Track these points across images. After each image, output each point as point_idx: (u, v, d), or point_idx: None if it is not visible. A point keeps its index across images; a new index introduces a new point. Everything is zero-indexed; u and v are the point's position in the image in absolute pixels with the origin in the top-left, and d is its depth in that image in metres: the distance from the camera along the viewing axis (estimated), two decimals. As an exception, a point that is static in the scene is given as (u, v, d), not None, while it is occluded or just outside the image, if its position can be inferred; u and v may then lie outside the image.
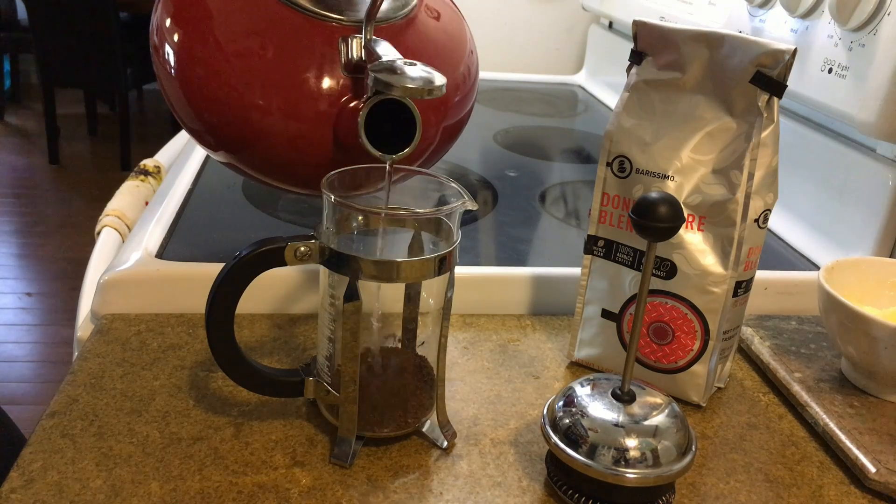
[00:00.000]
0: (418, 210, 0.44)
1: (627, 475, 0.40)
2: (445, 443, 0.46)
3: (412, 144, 0.45)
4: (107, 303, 0.57)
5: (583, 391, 0.43)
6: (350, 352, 0.43)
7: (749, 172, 0.48)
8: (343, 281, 0.42)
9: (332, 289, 0.43)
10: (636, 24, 0.51)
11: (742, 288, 0.51)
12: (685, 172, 0.49)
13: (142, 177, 0.88)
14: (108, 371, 0.51)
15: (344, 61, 0.50)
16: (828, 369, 0.55)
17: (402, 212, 0.44)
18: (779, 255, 0.74)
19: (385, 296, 0.46)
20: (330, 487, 0.42)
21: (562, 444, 0.41)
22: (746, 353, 0.59)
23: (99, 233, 0.77)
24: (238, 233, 0.70)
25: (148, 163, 0.92)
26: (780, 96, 0.47)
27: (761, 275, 0.64)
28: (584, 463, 0.40)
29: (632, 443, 0.40)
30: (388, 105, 0.45)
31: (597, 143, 1.09)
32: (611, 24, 1.40)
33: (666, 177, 0.50)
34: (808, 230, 0.76)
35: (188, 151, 0.88)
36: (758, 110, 0.47)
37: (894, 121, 0.62)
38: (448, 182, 0.45)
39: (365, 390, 0.44)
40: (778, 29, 0.77)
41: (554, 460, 0.43)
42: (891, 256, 0.67)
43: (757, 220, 0.50)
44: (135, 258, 0.60)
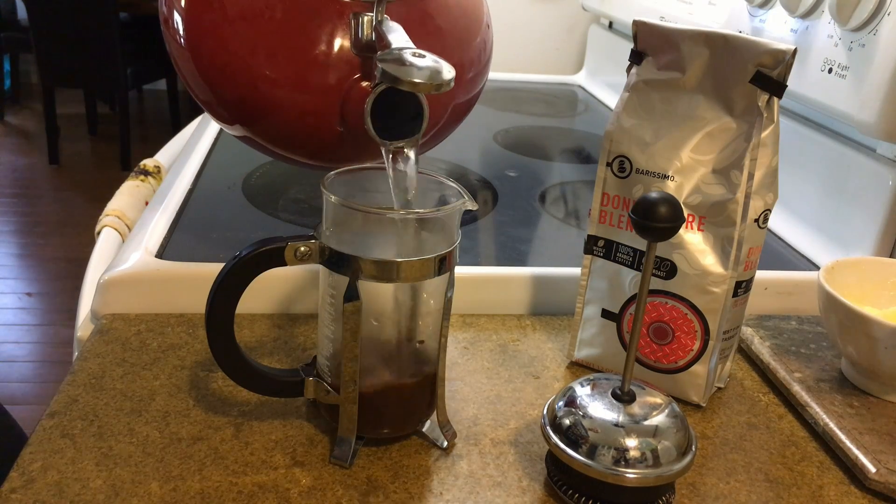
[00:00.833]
0: (418, 210, 0.44)
1: (627, 475, 0.40)
2: (445, 443, 0.46)
3: (417, 134, 0.45)
4: (107, 303, 0.57)
5: (583, 391, 0.43)
6: (350, 352, 0.43)
7: (749, 172, 0.48)
8: (343, 281, 0.42)
9: (332, 289, 0.43)
10: (636, 24, 0.51)
11: (742, 288, 0.51)
12: (685, 172, 0.49)
13: (142, 177, 0.88)
14: (108, 371, 0.51)
15: (353, 39, 0.49)
16: (828, 369, 0.55)
17: (402, 212, 0.44)
18: (779, 255, 0.74)
19: (385, 295, 0.46)
20: (330, 487, 0.42)
21: (562, 444, 0.41)
22: (746, 353, 0.59)
23: (99, 233, 0.77)
24: (238, 233, 0.70)
25: (148, 163, 0.92)
26: (780, 96, 0.47)
27: (761, 275, 0.64)
28: (584, 463, 0.40)
29: (632, 443, 0.40)
30: (396, 89, 0.44)
31: (597, 143, 1.09)
32: (611, 24, 1.40)
33: (666, 177, 0.50)
34: (808, 230, 0.76)
35: (188, 151, 0.88)
36: (758, 110, 0.47)
37: (894, 121, 0.62)
38: (448, 182, 0.45)
39: (365, 390, 0.44)
40: (778, 29, 0.77)
41: (554, 460, 0.43)
42: (891, 256, 0.67)
43: (757, 220, 0.50)
44: (135, 258, 0.60)
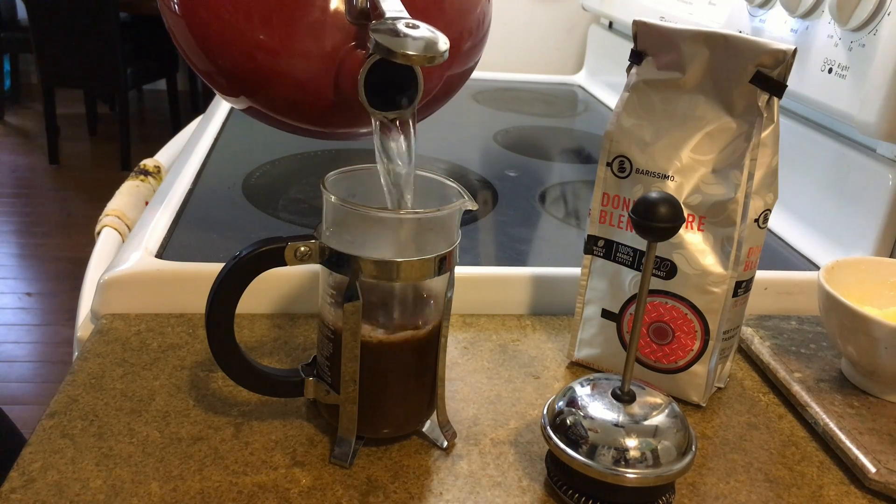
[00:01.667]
0: (418, 210, 0.44)
1: (627, 475, 0.40)
2: (445, 443, 0.46)
3: (412, 106, 0.45)
4: (107, 303, 0.57)
5: (583, 391, 0.43)
6: (350, 352, 0.43)
7: (749, 172, 0.48)
8: (343, 281, 0.42)
9: (332, 289, 0.43)
10: (636, 24, 0.51)
11: (742, 288, 0.51)
12: (685, 172, 0.49)
13: (142, 177, 0.88)
14: (108, 371, 0.51)
15: (348, 6, 0.49)
16: (828, 369, 0.55)
17: (402, 212, 0.44)
18: (779, 255, 0.74)
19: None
20: (330, 487, 0.42)
21: (562, 444, 0.41)
22: (746, 353, 0.59)
23: (99, 233, 0.77)
24: (238, 233, 0.70)
25: (148, 163, 0.92)
26: (780, 96, 0.47)
27: (761, 275, 0.64)
28: (584, 463, 0.40)
29: (632, 443, 0.40)
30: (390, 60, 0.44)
31: (597, 143, 1.09)
32: (611, 24, 1.40)
33: (666, 177, 0.50)
34: (808, 230, 0.76)
35: (188, 151, 0.88)
36: (758, 110, 0.47)
37: (894, 121, 0.62)
38: (448, 182, 0.45)
39: (365, 390, 0.44)
40: (778, 29, 0.77)
41: (554, 460, 0.43)
42: (891, 256, 0.67)
43: (757, 220, 0.50)
44: (135, 258, 0.60)
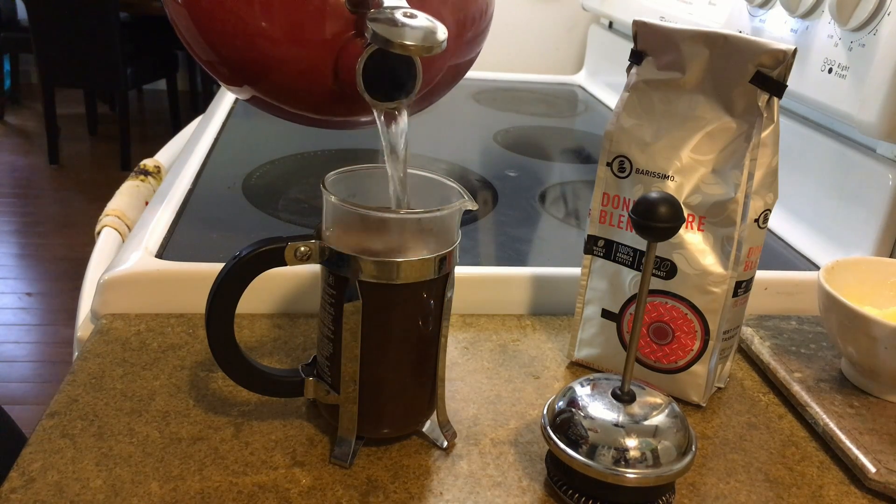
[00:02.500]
0: (418, 210, 0.44)
1: (627, 475, 0.40)
2: (445, 443, 0.46)
3: (410, 96, 0.45)
4: (107, 303, 0.57)
5: (583, 391, 0.43)
6: (350, 352, 0.43)
7: (749, 172, 0.48)
8: (343, 281, 0.42)
9: (332, 289, 0.43)
10: (636, 24, 0.51)
11: (742, 288, 0.51)
12: (685, 172, 0.49)
13: (142, 177, 0.88)
14: (108, 371, 0.51)
15: None
16: (828, 369, 0.55)
17: (402, 212, 0.44)
18: (779, 255, 0.74)
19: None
20: (330, 487, 0.42)
21: (562, 444, 0.41)
22: (746, 353, 0.59)
23: (99, 233, 0.77)
24: (238, 233, 0.70)
25: (148, 163, 0.92)
26: (780, 96, 0.47)
27: (761, 275, 0.64)
28: (584, 463, 0.40)
29: (632, 443, 0.40)
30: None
31: (597, 143, 1.09)
32: (611, 24, 1.40)
33: (666, 177, 0.50)
34: (808, 230, 0.76)
35: (188, 151, 0.88)
36: (758, 110, 0.47)
37: (894, 121, 0.62)
38: (448, 182, 0.45)
39: (365, 390, 0.44)
40: (778, 29, 0.77)
41: (554, 460, 0.43)
42: (891, 256, 0.67)
43: (757, 220, 0.50)
44: (135, 258, 0.60)
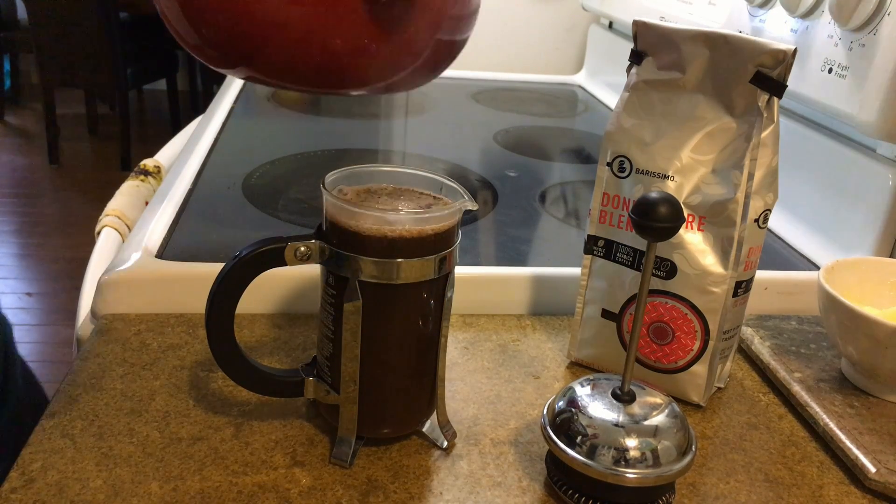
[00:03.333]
0: (418, 210, 0.44)
1: (627, 475, 0.40)
2: (445, 443, 0.46)
3: None
4: (107, 303, 0.57)
5: (583, 391, 0.43)
6: (350, 352, 0.43)
7: (749, 172, 0.48)
8: (343, 281, 0.42)
9: (332, 289, 0.43)
10: (636, 24, 0.51)
11: (742, 288, 0.51)
12: (685, 172, 0.49)
13: (142, 177, 0.88)
14: (108, 371, 0.51)
15: None
16: (828, 369, 0.55)
17: (402, 212, 0.44)
18: (779, 255, 0.74)
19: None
20: (330, 487, 0.42)
21: (562, 444, 0.41)
22: (746, 353, 0.59)
23: (99, 233, 0.77)
24: (238, 233, 0.70)
25: (148, 163, 0.92)
26: (780, 96, 0.47)
27: (761, 275, 0.64)
28: (584, 463, 0.40)
29: (632, 443, 0.40)
30: None
31: (597, 143, 1.09)
32: (611, 24, 1.40)
33: (666, 177, 0.50)
34: (808, 230, 0.76)
35: (188, 151, 0.88)
36: (758, 110, 0.47)
37: (894, 121, 0.62)
38: (448, 182, 0.45)
39: (365, 390, 0.44)
40: (778, 29, 0.77)
41: (554, 460, 0.43)
42: (891, 256, 0.67)
43: (757, 220, 0.50)
44: (135, 258, 0.60)
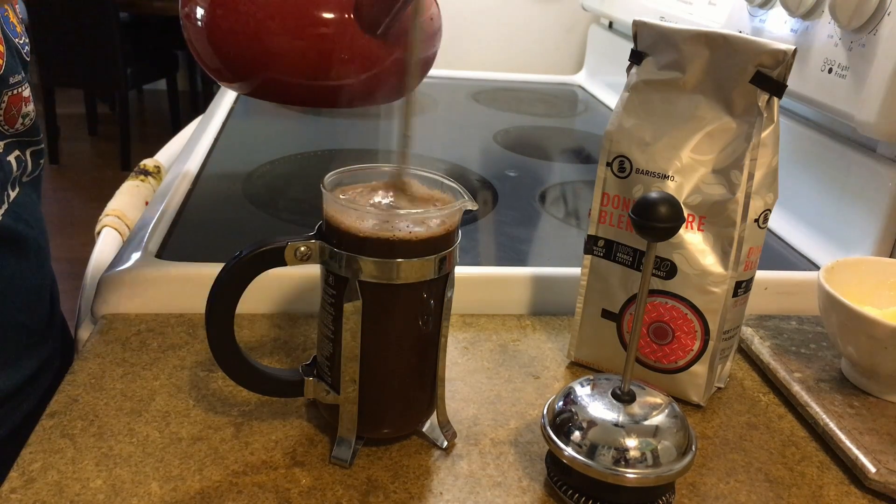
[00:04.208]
0: (418, 210, 0.44)
1: (627, 475, 0.40)
2: (445, 443, 0.46)
3: None
4: (107, 303, 0.57)
5: (583, 391, 0.43)
6: (350, 352, 0.43)
7: (749, 172, 0.48)
8: (343, 281, 0.42)
9: (332, 289, 0.43)
10: (636, 24, 0.51)
11: (742, 288, 0.51)
12: (685, 172, 0.49)
13: (142, 177, 0.88)
14: (108, 371, 0.51)
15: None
16: (828, 369, 0.55)
17: (402, 212, 0.44)
18: (779, 255, 0.74)
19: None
20: (330, 487, 0.42)
21: (562, 445, 0.41)
22: (746, 353, 0.59)
23: (99, 233, 0.77)
24: (238, 233, 0.70)
25: (148, 163, 0.92)
26: (780, 96, 0.47)
27: (761, 275, 0.64)
28: (584, 463, 0.40)
29: (632, 443, 0.40)
30: None
31: (597, 143, 1.09)
32: (611, 24, 1.40)
33: (666, 177, 0.50)
34: (808, 230, 0.76)
35: (188, 151, 0.88)
36: (758, 110, 0.47)
37: (894, 121, 0.62)
38: (448, 182, 0.45)
39: (365, 390, 0.44)
40: (778, 29, 0.77)
41: (554, 460, 0.43)
42: (891, 256, 0.67)
43: (757, 220, 0.50)
44: (135, 258, 0.60)
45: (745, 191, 0.48)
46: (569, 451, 0.41)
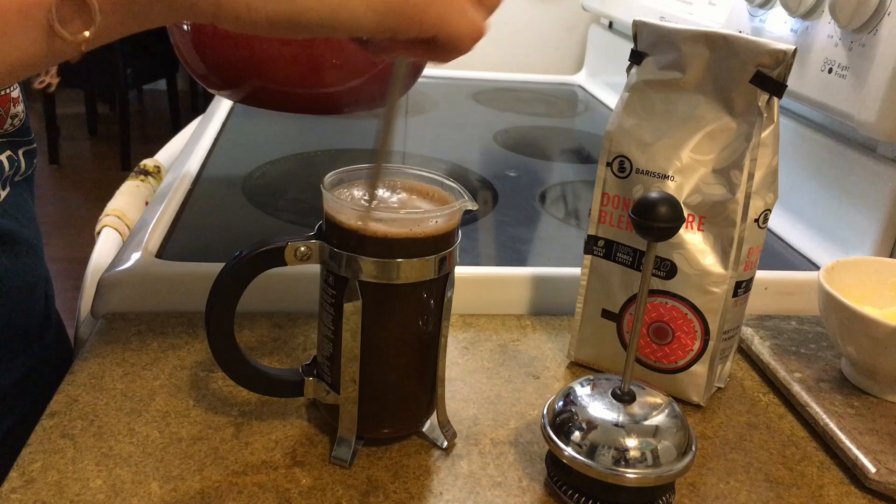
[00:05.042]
0: (419, 210, 0.44)
1: (627, 475, 0.40)
2: (445, 443, 0.46)
3: None
4: (107, 303, 0.57)
5: (583, 391, 0.43)
6: (350, 352, 0.43)
7: (749, 172, 0.48)
8: (343, 281, 0.42)
9: (332, 289, 0.43)
10: (636, 24, 0.51)
11: (742, 288, 0.51)
12: (685, 172, 0.49)
13: (142, 177, 0.88)
14: (108, 371, 0.51)
15: None
16: (828, 369, 0.55)
17: (402, 212, 0.44)
18: (779, 255, 0.74)
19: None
20: (330, 487, 0.42)
21: (562, 445, 0.41)
22: (746, 353, 0.59)
23: (99, 233, 0.77)
24: (238, 233, 0.70)
25: (148, 163, 0.92)
26: (780, 96, 0.47)
27: (761, 275, 0.64)
28: (584, 463, 0.40)
29: (632, 443, 0.40)
30: None
31: (597, 143, 1.09)
32: (611, 24, 1.40)
33: (666, 177, 0.50)
34: (808, 230, 0.76)
35: (188, 151, 0.88)
36: (758, 110, 0.47)
37: (894, 121, 0.62)
38: (448, 182, 0.45)
39: (365, 390, 0.44)
40: (778, 29, 0.77)
41: (554, 460, 0.43)
42: (891, 256, 0.67)
43: (757, 220, 0.50)
44: (135, 258, 0.60)
45: (745, 191, 0.48)
46: (569, 451, 0.41)
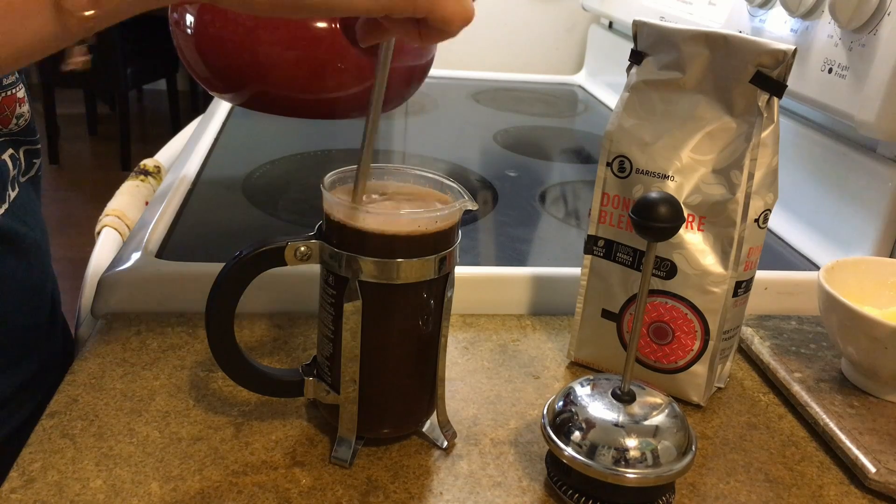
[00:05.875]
0: (419, 210, 0.44)
1: (627, 475, 0.40)
2: (445, 443, 0.46)
3: None
4: (107, 302, 0.57)
5: (583, 391, 0.43)
6: (350, 352, 0.43)
7: (749, 172, 0.48)
8: (343, 281, 0.42)
9: (332, 289, 0.43)
10: (636, 24, 0.51)
11: (742, 288, 0.51)
12: (685, 172, 0.49)
13: (142, 177, 0.88)
14: (108, 371, 0.51)
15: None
16: (828, 369, 0.55)
17: (402, 212, 0.44)
18: (779, 255, 0.74)
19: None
20: (330, 487, 0.42)
21: (562, 445, 0.41)
22: (746, 353, 0.59)
23: (99, 233, 0.77)
24: (238, 233, 0.70)
25: (148, 163, 0.92)
26: (780, 96, 0.47)
27: (761, 275, 0.64)
28: (584, 463, 0.40)
29: (632, 443, 0.40)
30: None
31: (597, 143, 1.09)
32: (611, 24, 1.40)
33: (666, 177, 0.50)
34: (808, 230, 0.76)
35: (188, 151, 0.88)
36: (758, 110, 0.47)
37: (894, 121, 0.62)
38: (448, 182, 0.45)
39: (365, 390, 0.44)
40: (778, 29, 0.77)
41: (554, 460, 0.43)
42: (891, 256, 0.67)
43: (757, 220, 0.50)
44: (135, 258, 0.60)
45: (745, 191, 0.48)
46: (569, 451, 0.41)
